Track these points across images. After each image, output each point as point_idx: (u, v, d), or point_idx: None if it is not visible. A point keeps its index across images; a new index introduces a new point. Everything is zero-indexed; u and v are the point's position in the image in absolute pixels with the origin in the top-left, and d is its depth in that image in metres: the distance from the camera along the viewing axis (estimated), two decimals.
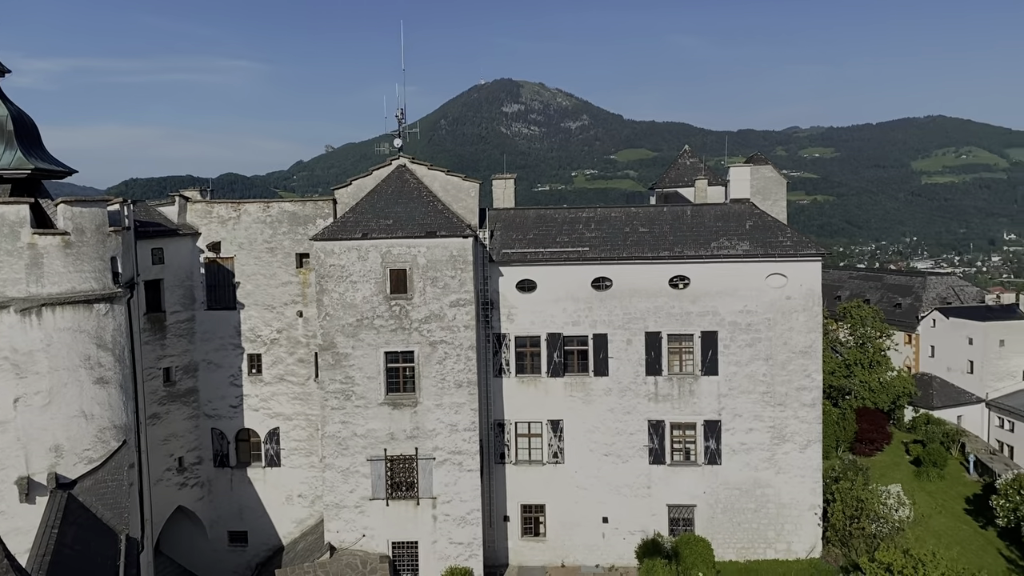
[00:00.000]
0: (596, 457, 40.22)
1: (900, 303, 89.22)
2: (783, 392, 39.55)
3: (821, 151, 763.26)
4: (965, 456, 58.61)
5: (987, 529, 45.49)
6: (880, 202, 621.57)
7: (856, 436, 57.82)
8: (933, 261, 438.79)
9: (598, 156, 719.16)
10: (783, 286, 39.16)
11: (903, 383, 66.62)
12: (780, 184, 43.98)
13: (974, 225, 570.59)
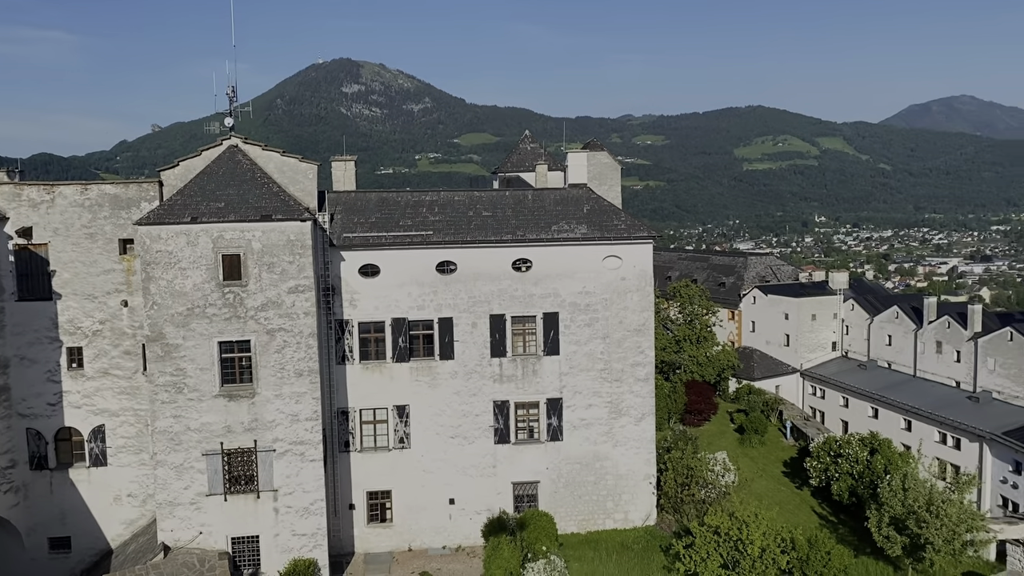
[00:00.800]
0: (443, 440, 40.44)
1: (724, 282, 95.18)
2: (619, 368, 41.29)
3: (653, 138, 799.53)
4: (783, 423, 63.52)
5: (802, 489, 49.61)
6: (707, 187, 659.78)
7: (686, 408, 61.35)
8: (754, 242, 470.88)
9: (441, 140, 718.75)
10: (618, 268, 40.77)
11: (727, 357, 71.27)
12: (615, 170, 45.60)
13: (789, 209, 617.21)
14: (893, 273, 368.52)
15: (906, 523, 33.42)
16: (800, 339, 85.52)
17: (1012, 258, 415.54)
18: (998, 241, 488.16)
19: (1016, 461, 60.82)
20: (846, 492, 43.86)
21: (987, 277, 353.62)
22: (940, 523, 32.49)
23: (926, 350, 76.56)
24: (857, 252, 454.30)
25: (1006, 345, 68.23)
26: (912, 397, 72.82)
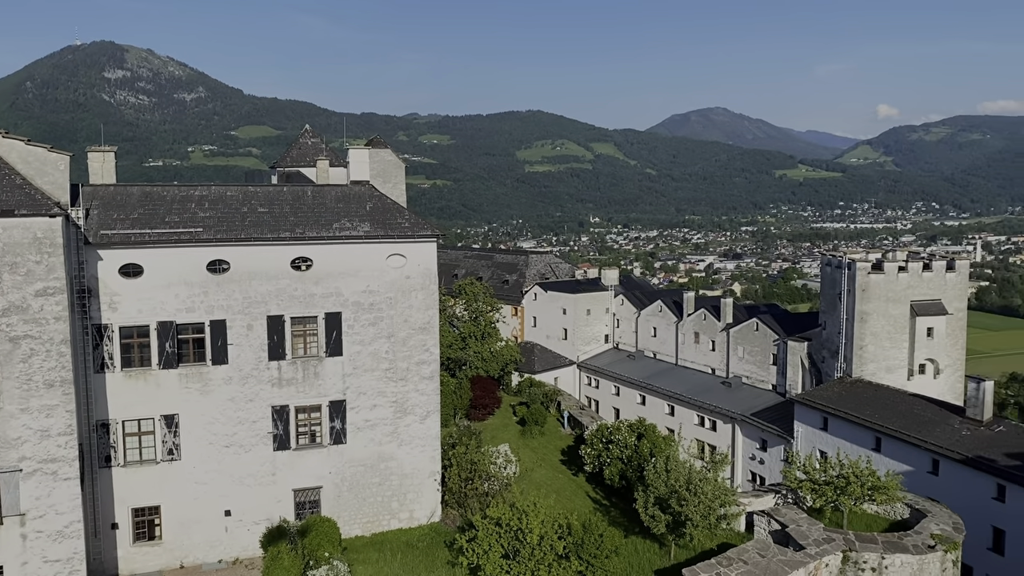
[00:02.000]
0: (217, 449, 38.31)
1: (508, 280, 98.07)
2: (404, 367, 41.22)
3: (439, 138, 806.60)
4: (561, 413, 66.49)
5: (578, 476, 52.21)
6: (491, 187, 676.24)
7: (471, 403, 62.52)
8: (536, 241, 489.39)
9: (217, 132, 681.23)
10: (403, 266, 40.68)
11: (510, 352, 73.47)
12: (399, 168, 45.44)
13: (567, 209, 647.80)
14: (659, 270, 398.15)
15: (669, 502, 36.14)
16: (577, 333, 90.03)
17: (759, 256, 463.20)
18: (747, 240, 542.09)
19: (762, 439, 67.85)
20: (617, 476, 46.71)
21: (738, 273, 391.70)
22: (698, 500, 35.46)
23: (686, 340, 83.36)
24: (627, 250, 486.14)
25: (752, 334, 75.85)
26: (674, 384, 79.09)
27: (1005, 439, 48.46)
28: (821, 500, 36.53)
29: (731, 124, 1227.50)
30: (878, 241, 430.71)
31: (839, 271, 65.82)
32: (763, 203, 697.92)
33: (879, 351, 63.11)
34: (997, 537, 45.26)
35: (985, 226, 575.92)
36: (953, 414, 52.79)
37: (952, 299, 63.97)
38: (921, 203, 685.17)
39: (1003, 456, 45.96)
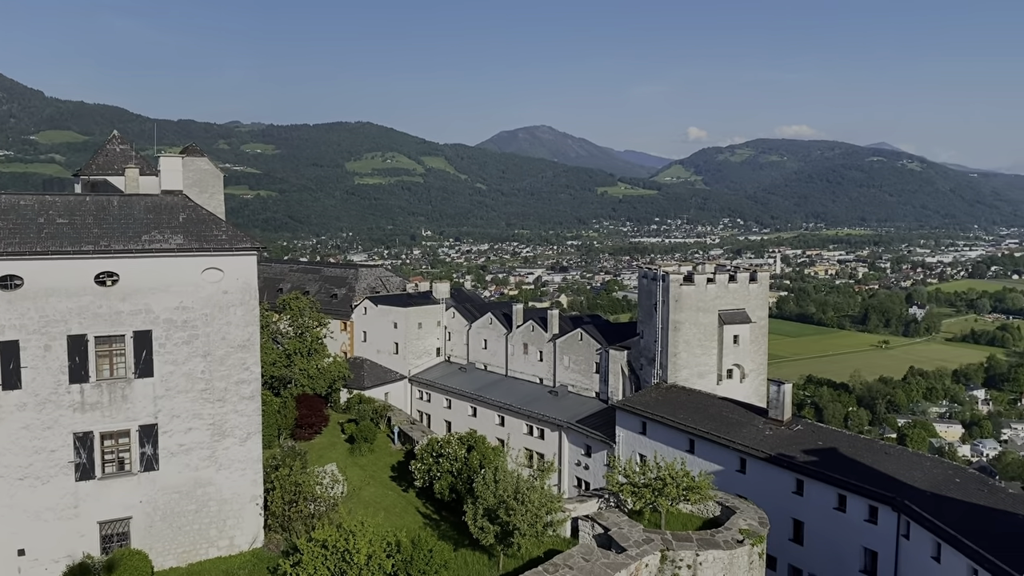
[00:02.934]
0: (8, 483, 34.75)
1: (336, 293, 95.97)
2: (223, 387, 39.22)
3: (263, 147, 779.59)
4: (391, 429, 65.71)
5: (408, 491, 51.70)
6: (320, 199, 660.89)
7: (297, 422, 60.51)
8: (367, 254, 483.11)
9: (14, 136, 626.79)
10: (220, 280, 38.76)
11: (338, 368, 71.85)
12: (217, 177, 43.55)
13: (399, 222, 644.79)
14: (490, 283, 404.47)
15: (497, 513, 36.52)
16: (408, 346, 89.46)
17: (583, 268, 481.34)
18: (572, 254, 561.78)
19: (587, 445, 70.15)
20: (447, 490, 46.68)
21: (565, 285, 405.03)
22: (525, 509, 36.05)
23: (515, 351, 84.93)
24: (459, 264, 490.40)
25: (577, 344, 78.44)
26: (504, 394, 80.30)
27: (803, 437, 52.78)
28: (641, 502, 38.18)
29: (556, 142, 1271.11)
30: (690, 254, 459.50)
31: (654, 283, 69.43)
32: (587, 218, 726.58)
33: (691, 358, 67.08)
34: (797, 528, 49.15)
35: (784, 240, 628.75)
36: (758, 415, 56.89)
37: (755, 308, 69.09)
38: (728, 219, 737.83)
39: (801, 453, 50.04)
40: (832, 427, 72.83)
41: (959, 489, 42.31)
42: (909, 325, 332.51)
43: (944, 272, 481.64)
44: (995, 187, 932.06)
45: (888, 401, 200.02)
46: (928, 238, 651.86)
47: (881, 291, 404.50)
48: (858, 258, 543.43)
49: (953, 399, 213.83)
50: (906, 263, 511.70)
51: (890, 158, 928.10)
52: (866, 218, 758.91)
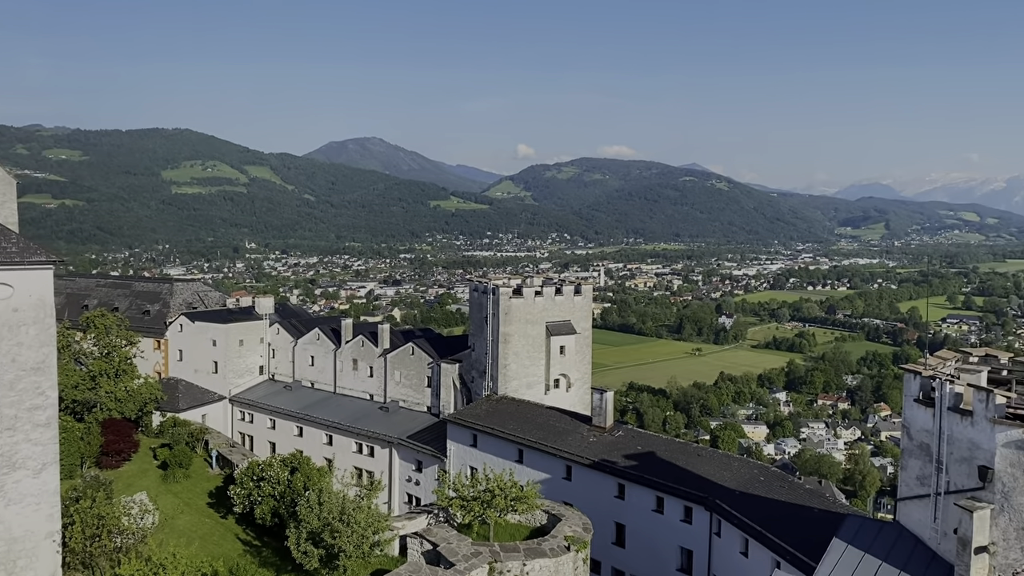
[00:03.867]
0: None
1: (149, 310, 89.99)
2: (12, 415, 35.48)
3: (69, 153, 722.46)
4: (209, 453, 62.14)
5: (227, 518, 49.03)
6: (133, 209, 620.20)
7: (102, 449, 56.00)
8: (185, 268, 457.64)
9: None
10: (9, 297, 35.13)
11: (150, 390, 67.20)
12: (10, 185, 39.65)
13: (221, 234, 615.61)
14: (319, 297, 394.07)
15: (322, 536, 35.34)
16: (228, 365, 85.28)
17: (417, 282, 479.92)
18: (406, 267, 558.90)
19: (418, 460, 69.54)
20: (269, 514, 44.66)
21: (398, 299, 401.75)
22: (351, 530, 35.11)
23: (344, 367, 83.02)
24: (287, 277, 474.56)
25: (408, 358, 77.78)
26: (332, 413, 78.21)
27: (624, 442, 54.85)
28: (470, 516, 38.17)
29: (388, 154, 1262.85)
30: (521, 268, 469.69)
31: (485, 296, 70.16)
32: (420, 231, 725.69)
33: (521, 369, 68.24)
34: (619, 531, 50.93)
35: (607, 255, 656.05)
36: (582, 423, 58.58)
37: (580, 319, 71.35)
38: (556, 234, 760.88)
39: (622, 458, 51.96)
40: (651, 432, 76.33)
41: (763, 487, 45.44)
42: (719, 333, 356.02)
43: (749, 284, 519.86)
44: (792, 206, 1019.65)
45: (702, 405, 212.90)
46: (735, 252, 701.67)
47: (694, 302, 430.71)
48: (673, 271, 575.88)
49: (759, 402, 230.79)
50: (716, 276, 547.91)
51: (701, 178, 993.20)
52: (680, 234, 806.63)
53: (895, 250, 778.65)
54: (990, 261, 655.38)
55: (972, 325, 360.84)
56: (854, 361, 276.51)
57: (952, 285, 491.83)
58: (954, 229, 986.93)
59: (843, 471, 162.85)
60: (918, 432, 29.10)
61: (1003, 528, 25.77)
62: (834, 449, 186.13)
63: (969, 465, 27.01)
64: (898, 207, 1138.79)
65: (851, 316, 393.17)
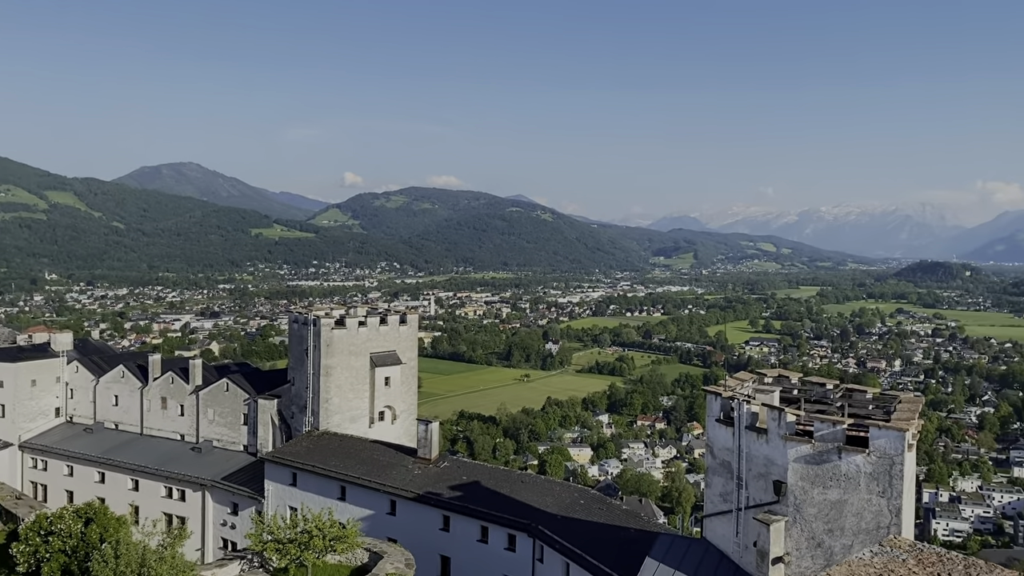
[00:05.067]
0: None
1: None
2: None
3: None
4: None
5: None
6: None
7: None
8: None
9: None
10: None
11: None
12: None
13: (16, 265, 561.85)
14: (129, 331, 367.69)
15: None
16: (18, 408, 77.48)
17: (237, 313, 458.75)
18: (225, 298, 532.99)
19: (233, 503, 65.81)
20: (59, 573, 40.41)
21: (216, 331, 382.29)
22: None
23: (152, 407, 77.44)
24: (92, 311, 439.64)
25: (223, 395, 73.69)
26: (138, 456, 72.66)
27: (449, 473, 54.49)
28: (286, 559, 36.31)
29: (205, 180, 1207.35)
30: (349, 298, 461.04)
31: (306, 327, 67.87)
32: (240, 261, 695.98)
33: (344, 402, 66.39)
34: (444, 564, 50.32)
35: (437, 283, 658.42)
36: (408, 455, 57.70)
37: (405, 349, 70.56)
38: (385, 263, 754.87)
39: (447, 489, 51.56)
40: (477, 461, 76.61)
41: (584, 510, 46.49)
42: (546, 359, 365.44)
43: (573, 311, 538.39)
44: (611, 236, 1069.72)
45: (530, 430, 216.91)
46: (560, 281, 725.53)
47: (522, 329, 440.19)
48: (502, 299, 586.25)
49: (583, 425, 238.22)
50: (542, 303, 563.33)
51: (527, 209, 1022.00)
52: (508, 263, 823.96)
53: (703, 278, 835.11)
54: (786, 288, 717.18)
55: (772, 347, 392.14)
56: (669, 383, 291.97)
57: (753, 310, 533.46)
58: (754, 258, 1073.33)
59: (661, 489, 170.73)
60: (720, 451, 30.78)
61: (796, 538, 27.62)
62: (653, 468, 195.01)
63: (765, 480, 28.82)
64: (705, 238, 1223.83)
65: (666, 340, 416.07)
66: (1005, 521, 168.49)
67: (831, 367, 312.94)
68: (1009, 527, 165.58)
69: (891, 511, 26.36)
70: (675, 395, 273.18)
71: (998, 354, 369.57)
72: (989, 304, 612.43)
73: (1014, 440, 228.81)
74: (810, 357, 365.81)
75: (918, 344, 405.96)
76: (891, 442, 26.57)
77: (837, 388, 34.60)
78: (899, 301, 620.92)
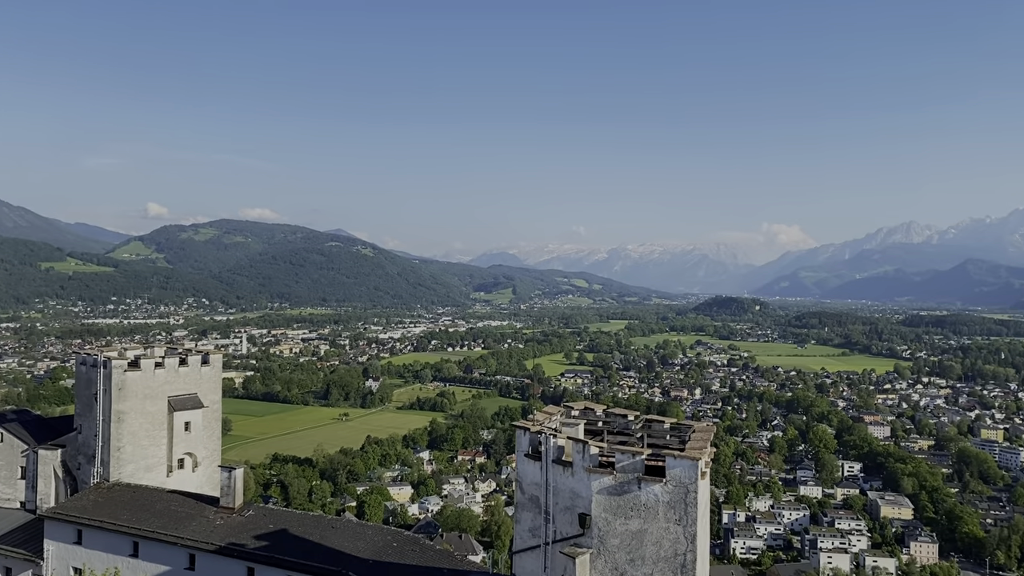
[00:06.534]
0: None
1: None
2: None
3: None
4: None
5: None
6: None
7: None
8: None
9: None
10: None
11: None
12: None
13: None
14: None
15: None
16: None
17: (23, 355, 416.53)
18: (9, 338, 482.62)
19: (7, 567, 58.89)
20: None
21: None
22: None
23: None
24: None
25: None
26: None
27: (255, 522, 51.51)
28: None
29: None
30: (152, 336, 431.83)
31: (95, 370, 62.35)
32: (27, 297, 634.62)
33: (138, 451, 61.34)
34: None
35: (250, 320, 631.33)
36: (209, 505, 54.02)
37: (208, 392, 66.45)
38: (193, 299, 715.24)
39: (252, 539, 48.67)
40: (285, 508, 73.32)
41: (396, 553, 45.40)
42: (366, 397, 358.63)
43: (395, 347, 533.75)
44: (432, 272, 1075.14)
45: (348, 471, 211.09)
46: (381, 316, 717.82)
47: (341, 367, 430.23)
48: (320, 336, 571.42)
49: (404, 462, 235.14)
50: (363, 339, 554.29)
51: (347, 243, 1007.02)
52: (327, 298, 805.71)
53: (521, 312, 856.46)
54: (597, 322, 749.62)
55: (585, 378, 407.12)
56: (489, 416, 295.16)
57: (568, 343, 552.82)
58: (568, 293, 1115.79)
59: (481, 523, 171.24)
60: (529, 485, 31.07)
61: (600, 570, 28.24)
62: (473, 503, 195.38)
63: (571, 513, 29.34)
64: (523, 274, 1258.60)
65: (486, 374, 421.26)
66: (793, 536, 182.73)
67: (639, 396, 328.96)
68: (797, 542, 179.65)
69: (687, 538, 27.57)
70: (495, 428, 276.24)
71: (784, 382, 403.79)
72: (776, 336, 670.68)
73: (799, 461, 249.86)
74: (620, 387, 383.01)
75: (715, 373, 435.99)
76: (686, 471, 27.88)
77: (638, 419, 36.03)
78: (698, 333, 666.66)
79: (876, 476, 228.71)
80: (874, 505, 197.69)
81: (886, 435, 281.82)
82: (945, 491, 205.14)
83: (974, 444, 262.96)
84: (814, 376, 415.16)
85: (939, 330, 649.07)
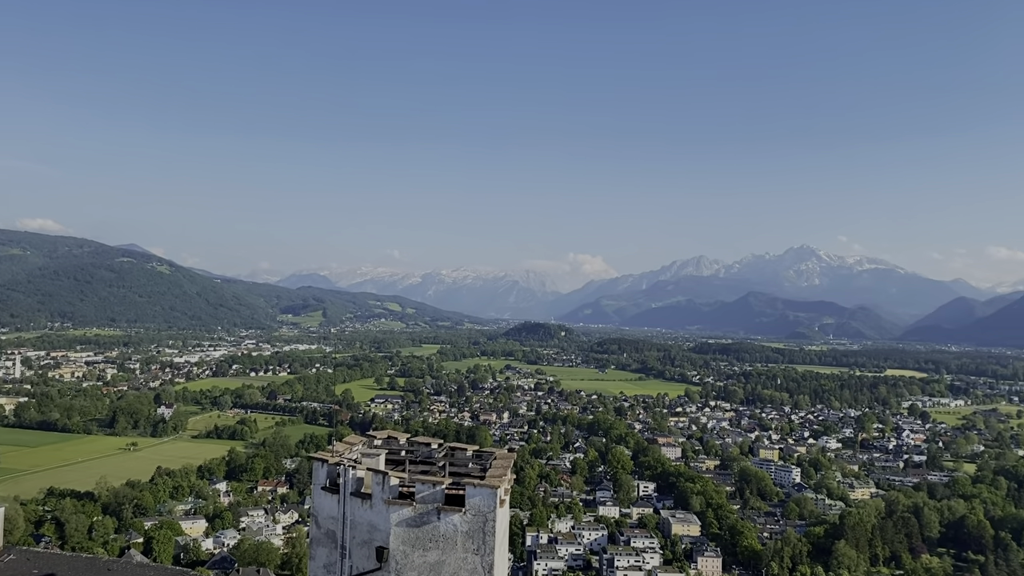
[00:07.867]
0: None
1: None
2: None
3: None
4: None
5: None
6: None
7: None
8: None
9: None
10: None
11: None
12: None
13: None
14: None
15: None
16: None
17: None
18: None
19: None
20: None
21: None
22: None
23: None
24: None
25: None
26: None
27: (16, 568, 46.28)
28: None
29: None
30: None
31: None
32: None
33: None
34: None
35: (25, 341, 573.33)
36: None
37: None
38: None
39: None
40: (57, 550, 66.58)
41: None
42: (158, 425, 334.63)
43: (191, 372, 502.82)
44: (236, 292, 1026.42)
45: (136, 505, 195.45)
46: (177, 339, 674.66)
47: (130, 392, 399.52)
48: (107, 359, 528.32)
49: (198, 495, 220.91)
50: (155, 363, 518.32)
51: (140, 260, 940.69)
52: (116, 318, 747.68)
53: (332, 336, 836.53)
54: (410, 346, 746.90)
55: (396, 403, 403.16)
56: (293, 444, 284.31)
57: (379, 368, 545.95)
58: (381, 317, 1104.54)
59: (281, 556, 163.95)
60: (326, 520, 30.05)
61: None
62: (273, 535, 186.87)
63: (369, 548, 28.66)
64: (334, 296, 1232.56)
65: (291, 400, 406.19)
66: (592, 556, 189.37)
67: (448, 421, 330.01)
68: (596, 561, 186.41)
69: (484, 567, 27.69)
70: (299, 456, 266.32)
71: (587, 405, 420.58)
72: (579, 361, 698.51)
73: (599, 482, 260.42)
74: (431, 412, 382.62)
75: (523, 397, 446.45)
76: (484, 499, 28.05)
77: (441, 447, 35.96)
78: (508, 358, 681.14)
79: (668, 495, 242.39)
80: (666, 523, 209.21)
81: (677, 456, 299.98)
82: (728, 508, 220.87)
83: (754, 463, 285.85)
84: (613, 400, 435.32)
85: (725, 357, 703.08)
